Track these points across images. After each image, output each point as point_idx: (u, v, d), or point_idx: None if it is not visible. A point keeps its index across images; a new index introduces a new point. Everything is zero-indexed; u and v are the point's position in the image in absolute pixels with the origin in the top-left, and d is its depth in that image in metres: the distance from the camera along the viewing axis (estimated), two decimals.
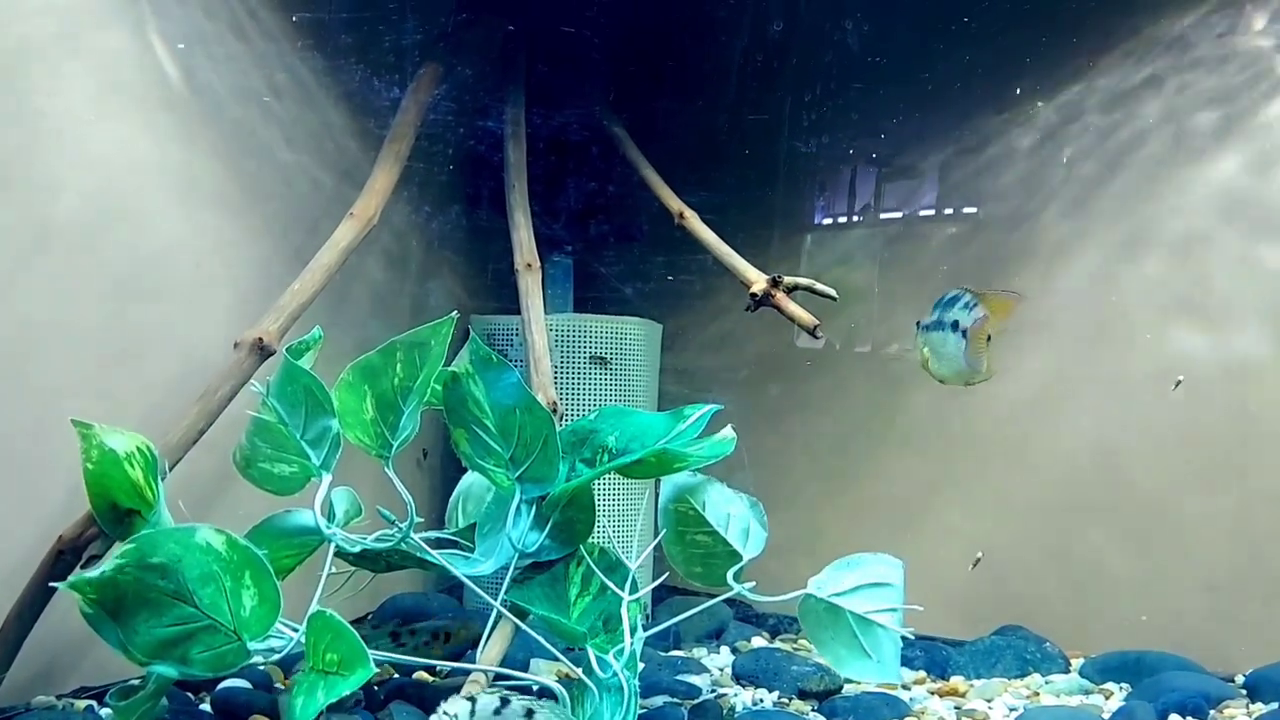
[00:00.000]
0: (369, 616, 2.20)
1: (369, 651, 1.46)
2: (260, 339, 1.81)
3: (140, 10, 1.90)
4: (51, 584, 1.56)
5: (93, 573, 1.42)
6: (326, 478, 1.70)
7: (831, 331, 2.44)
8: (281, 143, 2.16)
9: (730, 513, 1.81)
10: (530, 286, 2.09)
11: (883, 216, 2.51)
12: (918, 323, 1.92)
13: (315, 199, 2.22)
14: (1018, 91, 2.37)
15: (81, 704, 1.76)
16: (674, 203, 2.20)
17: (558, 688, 1.59)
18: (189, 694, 1.78)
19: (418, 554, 1.74)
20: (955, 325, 1.86)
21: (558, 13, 2.45)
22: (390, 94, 2.25)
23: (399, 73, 2.28)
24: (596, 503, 1.77)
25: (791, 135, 2.54)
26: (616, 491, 2.29)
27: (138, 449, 1.58)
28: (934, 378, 1.91)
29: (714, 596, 1.81)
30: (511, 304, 2.14)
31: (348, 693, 1.41)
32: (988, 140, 2.39)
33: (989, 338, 1.86)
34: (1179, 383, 2.15)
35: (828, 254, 2.55)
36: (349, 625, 1.49)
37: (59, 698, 1.79)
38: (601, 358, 2.24)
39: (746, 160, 2.59)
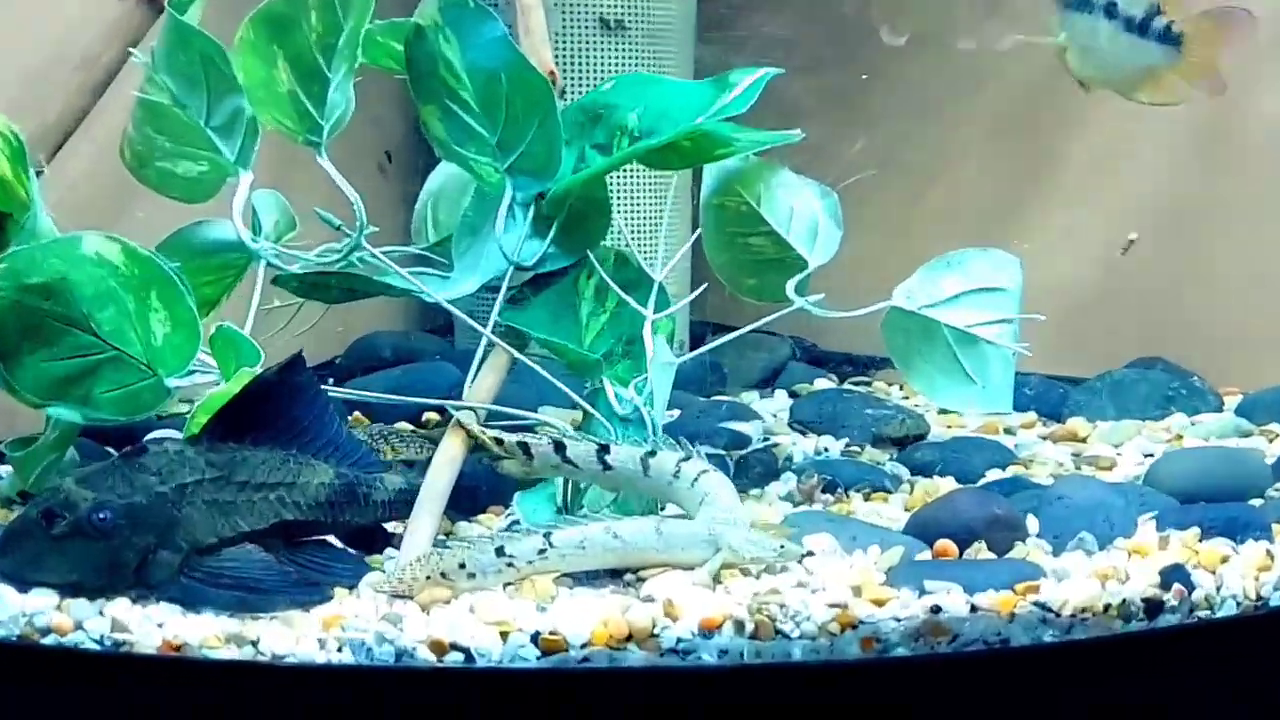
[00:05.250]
0: (335, 361, 1.94)
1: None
2: None
3: None
4: None
5: None
6: (245, 176, 1.41)
7: None
8: None
9: (794, 207, 1.48)
10: None
11: None
12: None
13: None
14: None
15: None
16: None
17: (566, 426, 1.33)
18: (107, 448, 1.50)
19: (375, 275, 1.43)
20: (1111, 10, 1.53)
21: None
22: None
23: None
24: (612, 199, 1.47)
25: None
26: (637, 184, 1.94)
27: None
28: (1074, 78, 1.60)
29: (767, 330, 1.49)
30: None
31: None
32: None
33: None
34: None
35: None
36: (249, 338, 1.29)
37: None
38: (616, 21, 1.82)
39: None
